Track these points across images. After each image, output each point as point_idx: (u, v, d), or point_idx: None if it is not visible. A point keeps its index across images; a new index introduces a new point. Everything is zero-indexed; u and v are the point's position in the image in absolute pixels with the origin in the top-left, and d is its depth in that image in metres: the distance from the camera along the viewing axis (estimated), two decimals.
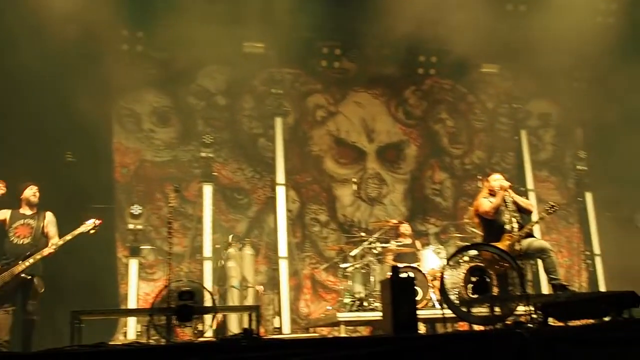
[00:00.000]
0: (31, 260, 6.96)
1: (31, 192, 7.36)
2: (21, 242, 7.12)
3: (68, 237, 7.24)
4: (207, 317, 7.04)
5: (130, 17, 9.98)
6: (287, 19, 9.66)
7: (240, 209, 10.71)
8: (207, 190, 9.77)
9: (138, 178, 10.32)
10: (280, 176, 10.28)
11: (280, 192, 10.22)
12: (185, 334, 7.55)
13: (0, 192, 7.21)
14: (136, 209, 9.07)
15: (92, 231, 7.38)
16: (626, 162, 10.93)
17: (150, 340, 6.48)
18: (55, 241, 7.24)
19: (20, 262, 6.93)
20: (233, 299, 9.62)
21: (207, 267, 9.51)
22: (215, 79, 11.00)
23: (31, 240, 7.15)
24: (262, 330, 8.75)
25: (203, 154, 9.89)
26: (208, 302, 7.07)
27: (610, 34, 10.95)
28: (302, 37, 10.75)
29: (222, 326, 8.85)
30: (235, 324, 9.25)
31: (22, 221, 7.22)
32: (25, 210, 7.33)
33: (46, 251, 7.09)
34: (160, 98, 10.69)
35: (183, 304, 6.53)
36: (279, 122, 10.47)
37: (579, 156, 11.88)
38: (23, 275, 6.97)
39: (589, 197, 11.79)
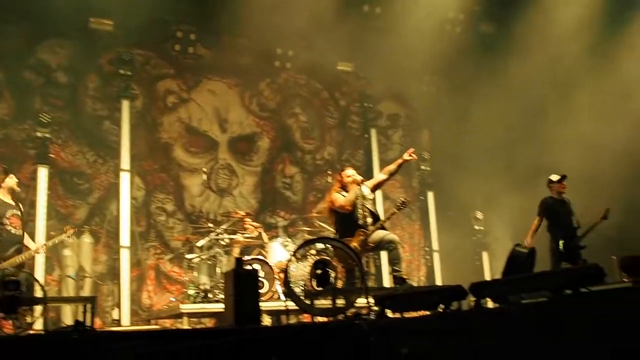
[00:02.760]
0: (23, 257, 7.16)
1: (13, 182, 7.34)
2: (17, 232, 7.14)
3: (50, 243, 7.73)
4: (37, 309, 6.65)
5: None
6: None
7: (80, 195, 10.10)
8: (43, 173, 9.14)
9: None
10: (125, 162, 9.81)
11: (125, 179, 9.76)
12: (11, 326, 7.06)
13: None
14: None
15: (69, 239, 7.88)
16: (464, 164, 11.62)
17: None
18: (44, 243, 7.73)
19: (17, 254, 7.07)
20: (68, 290, 9.12)
21: (39, 255, 8.87)
22: (57, 53, 10.25)
23: (22, 231, 7.20)
24: (98, 323, 8.36)
25: (39, 134, 9.25)
26: (38, 293, 6.68)
27: (457, 42, 11.59)
28: (155, 17, 10.34)
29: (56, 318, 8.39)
30: (69, 316, 8.78)
31: (11, 211, 7.19)
32: (8, 200, 7.26)
33: (39, 251, 7.59)
34: None
35: (8, 294, 6.05)
36: (125, 105, 9.96)
37: (423, 157, 12.46)
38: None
39: (430, 196, 12.42)
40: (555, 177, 8.37)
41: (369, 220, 7.64)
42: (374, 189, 8.11)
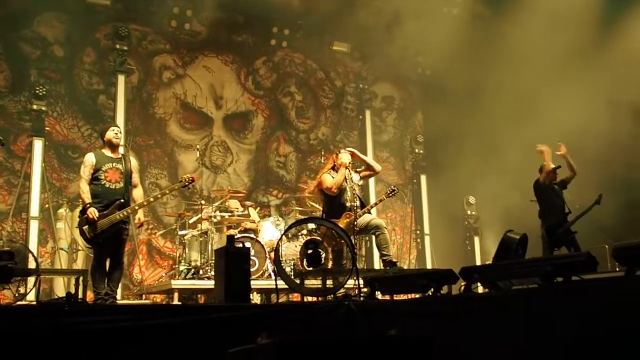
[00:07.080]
0: (129, 210, 6.63)
1: (113, 134, 6.79)
2: (114, 186, 6.60)
3: (167, 191, 7.39)
4: (30, 280, 6.68)
5: None
6: None
7: (74, 168, 10.07)
8: (38, 145, 9.13)
9: None
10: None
11: None
12: (4, 296, 7.13)
13: None
14: None
15: (188, 187, 7.33)
16: (458, 148, 11.63)
17: None
18: (154, 194, 7.32)
19: (117, 211, 6.49)
20: (61, 262, 9.17)
21: (33, 227, 8.94)
22: (53, 27, 10.20)
23: (123, 185, 6.65)
24: (90, 295, 8.41)
25: (35, 107, 9.22)
26: (31, 264, 6.71)
27: (454, 24, 11.51)
28: None
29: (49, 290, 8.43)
30: (61, 288, 8.83)
31: (110, 164, 6.66)
32: (109, 153, 6.75)
33: (146, 201, 6.93)
34: None
35: (1, 264, 6.10)
36: (121, 80, 9.93)
37: (417, 140, 12.47)
38: (121, 225, 6.59)
39: (423, 179, 12.43)
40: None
41: (357, 203, 7.62)
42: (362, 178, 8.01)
